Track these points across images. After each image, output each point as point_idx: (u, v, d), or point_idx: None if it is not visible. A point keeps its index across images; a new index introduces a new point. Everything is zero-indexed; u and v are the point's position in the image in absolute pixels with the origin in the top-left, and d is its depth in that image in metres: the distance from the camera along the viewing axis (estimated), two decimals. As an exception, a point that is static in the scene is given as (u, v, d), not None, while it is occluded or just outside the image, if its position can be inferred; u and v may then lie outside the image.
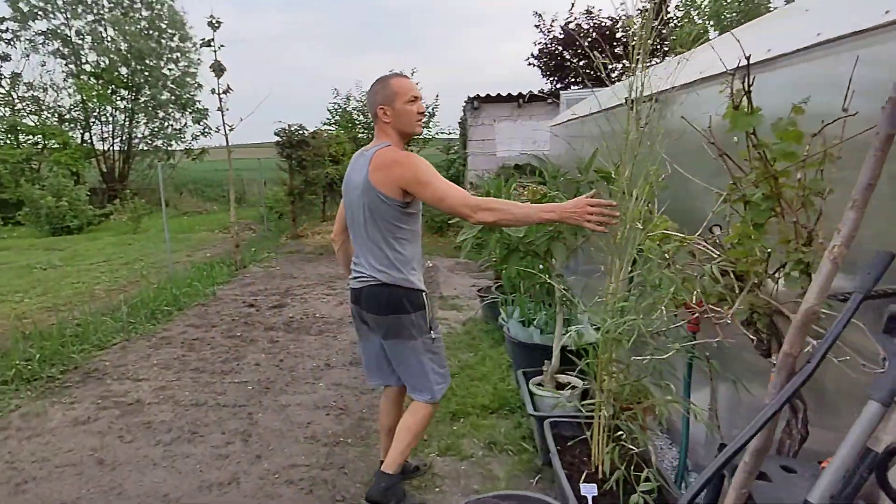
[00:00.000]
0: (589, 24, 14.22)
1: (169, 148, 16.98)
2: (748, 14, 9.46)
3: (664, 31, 14.03)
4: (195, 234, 11.29)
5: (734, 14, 9.73)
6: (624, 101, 3.30)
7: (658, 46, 14.28)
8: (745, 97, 1.51)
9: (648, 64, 2.49)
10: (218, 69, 7.25)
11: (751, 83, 1.48)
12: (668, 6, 13.73)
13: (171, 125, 16.72)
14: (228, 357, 4.43)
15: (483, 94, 10.07)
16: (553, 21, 14.53)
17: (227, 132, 7.62)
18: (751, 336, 1.62)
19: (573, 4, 16.25)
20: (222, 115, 7.52)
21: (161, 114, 16.43)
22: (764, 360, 1.61)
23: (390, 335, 2.23)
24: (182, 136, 16.92)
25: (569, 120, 5.87)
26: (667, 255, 1.77)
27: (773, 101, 1.61)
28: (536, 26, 14.80)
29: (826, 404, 1.64)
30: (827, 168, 1.43)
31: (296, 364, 4.26)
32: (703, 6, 11.28)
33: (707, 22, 10.49)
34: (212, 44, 7.25)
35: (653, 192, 2.17)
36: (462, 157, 11.10)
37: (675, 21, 13.71)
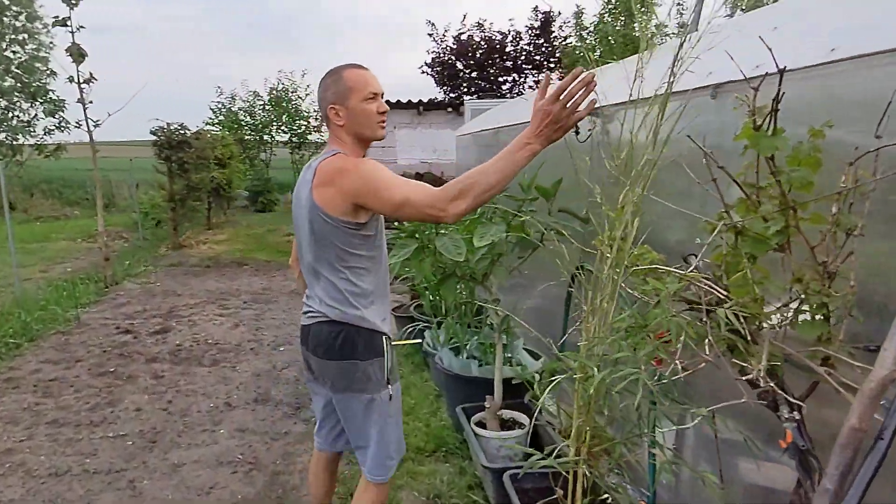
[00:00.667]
0: (480, 36, 14.47)
1: (14, 142, 14.60)
2: (633, 39, 10.09)
3: (553, 48, 14.64)
4: (52, 244, 9.70)
5: (620, 38, 10.36)
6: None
7: (545, 62, 14.90)
8: (771, 115, 1.33)
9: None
10: (77, 54, 6.20)
11: (779, 100, 1.31)
12: (552, 26, 14.36)
13: (17, 116, 14.38)
14: (99, 402, 3.67)
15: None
16: (446, 31, 14.63)
17: (91, 128, 6.56)
18: (761, 387, 1.45)
19: (465, 16, 16.54)
20: (84, 109, 6.45)
21: (3, 103, 14.07)
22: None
23: (338, 387, 1.79)
24: (31, 129, 14.62)
25: (482, 130, 5.72)
26: (661, 294, 1.56)
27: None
28: (430, 35, 14.82)
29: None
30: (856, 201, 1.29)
31: (188, 406, 3.61)
32: (590, 27, 11.88)
33: (595, 42, 11.05)
34: (68, 23, 6.17)
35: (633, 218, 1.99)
36: (362, 163, 10.66)
37: (562, 40, 14.32)
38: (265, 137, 16.36)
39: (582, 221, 3.01)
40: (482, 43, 14.12)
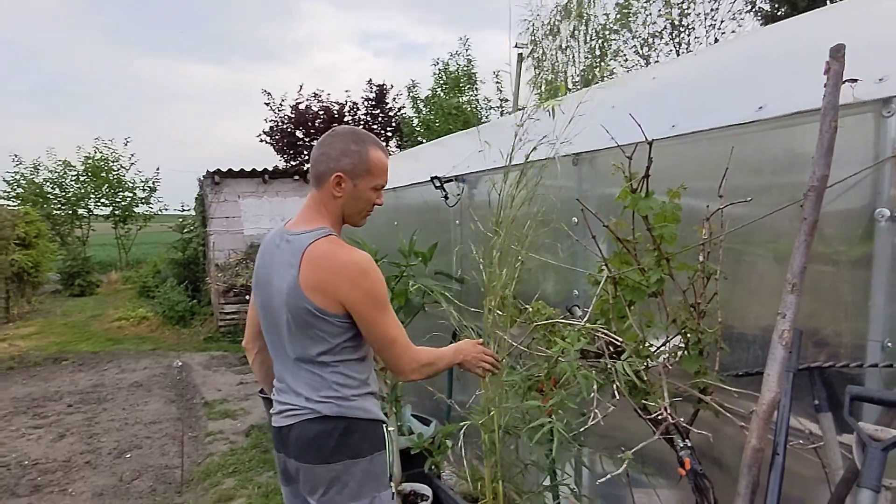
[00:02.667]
0: (318, 105, 14.70)
1: None
2: (464, 112, 11.09)
3: (389, 118, 15.34)
4: None
5: (454, 110, 11.34)
6: (432, 179, 3.30)
7: (382, 131, 15.54)
8: (644, 180, 1.54)
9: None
10: None
11: (649, 166, 1.52)
12: (386, 97, 15.12)
13: None
14: None
15: (224, 169, 9.26)
16: (283, 101, 14.62)
17: None
18: (661, 422, 1.60)
19: (301, 86, 16.73)
20: None
21: None
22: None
23: (329, 494, 1.48)
24: None
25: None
26: (568, 350, 1.67)
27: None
28: (266, 104, 14.68)
29: (729, 480, 1.71)
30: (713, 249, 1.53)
31: (5, 551, 2.89)
32: (425, 100, 12.78)
33: (431, 113, 11.90)
34: None
35: (512, 276, 2.11)
36: (201, 236, 9.92)
37: (398, 110, 15.08)
38: (80, 211, 14.46)
39: (457, 281, 3.12)
40: (320, 112, 14.30)
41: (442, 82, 11.61)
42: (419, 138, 12.20)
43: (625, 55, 10.37)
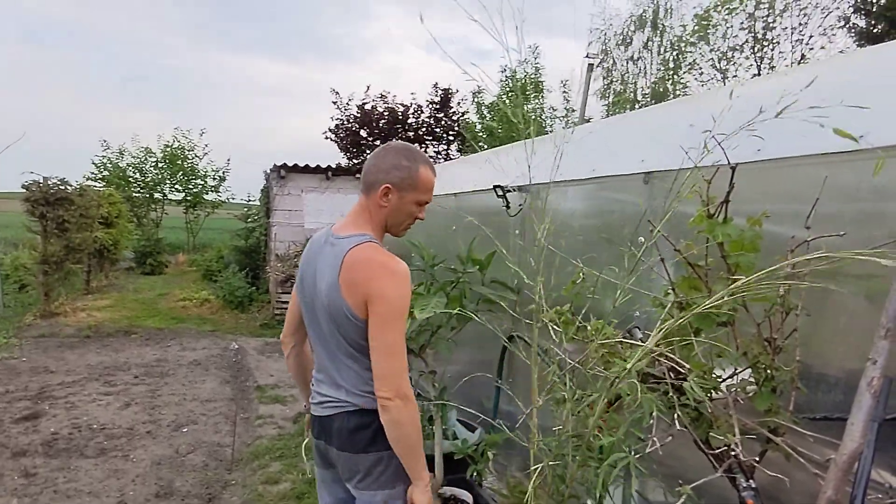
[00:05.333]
0: (384, 106, 14.97)
1: None
2: (530, 120, 11.00)
3: (452, 122, 15.42)
4: None
5: (519, 118, 11.26)
6: (494, 188, 3.30)
7: (445, 135, 15.63)
8: (722, 206, 1.48)
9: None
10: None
11: (729, 192, 1.46)
12: (451, 102, 15.21)
13: None
14: (-48, 511, 3.03)
15: (290, 164, 9.59)
16: (350, 100, 14.98)
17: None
18: (723, 458, 1.53)
19: (368, 87, 17.11)
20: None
21: None
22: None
23: (367, 481, 1.60)
24: None
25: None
26: (628, 371, 1.62)
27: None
28: (334, 102, 15.07)
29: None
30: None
31: (71, 509, 3.09)
32: (489, 106, 12.74)
33: (495, 121, 11.87)
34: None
35: (572, 291, 2.07)
36: (264, 226, 10.30)
37: (461, 115, 15.14)
38: (156, 196, 15.35)
39: (512, 292, 3.09)
40: (385, 113, 14.56)
41: (508, 89, 11.57)
42: (481, 144, 12.21)
43: (700, 68, 10.00)
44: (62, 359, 6.14)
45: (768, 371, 1.51)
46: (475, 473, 2.65)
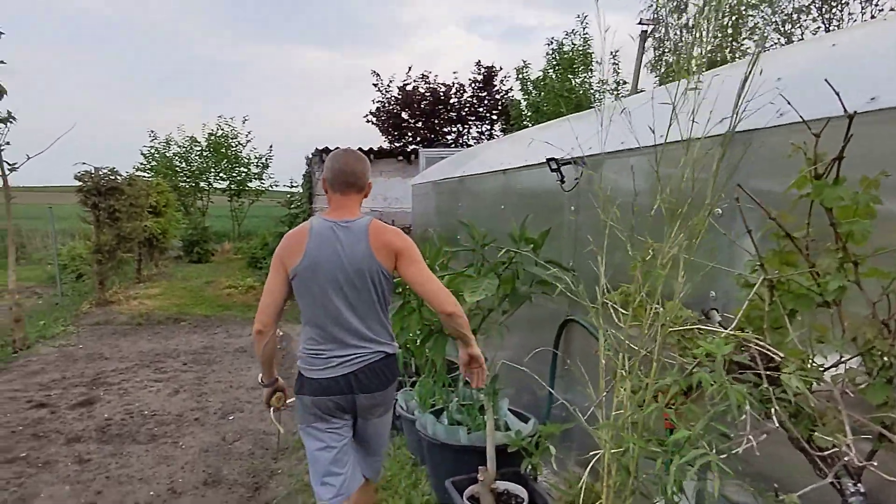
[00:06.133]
0: (425, 87, 14.73)
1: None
2: (577, 94, 10.58)
3: (495, 101, 15.07)
4: (-52, 304, 8.58)
5: (566, 93, 10.82)
6: (548, 161, 3.07)
7: (488, 114, 15.30)
8: (834, 164, 1.23)
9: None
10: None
11: (845, 146, 1.21)
12: (494, 80, 14.86)
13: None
14: (7, 500, 3.07)
15: (332, 147, 9.54)
16: (391, 82, 14.80)
17: (6, 172, 5.94)
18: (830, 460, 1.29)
19: (410, 68, 16.91)
20: None
21: None
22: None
23: (384, 409, 2.17)
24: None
25: (444, 178, 5.61)
26: (714, 358, 1.40)
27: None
28: (374, 85, 14.95)
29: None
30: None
31: (122, 497, 3.08)
32: (535, 82, 12.28)
33: (541, 96, 11.40)
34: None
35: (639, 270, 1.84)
36: (307, 212, 10.32)
37: (504, 93, 14.77)
38: (202, 184, 15.67)
39: (568, 272, 2.87)
40: (427, 94, 14.34)
41: (555, 63, 11.09)
42: (526, 122, 11.82)
43: (764, 32, 9.29)
44: (116, 346, 6.29)
45: (885, 359, 1.26)
46: (530, 467, 2.47)
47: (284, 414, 4.26)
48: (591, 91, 11.05)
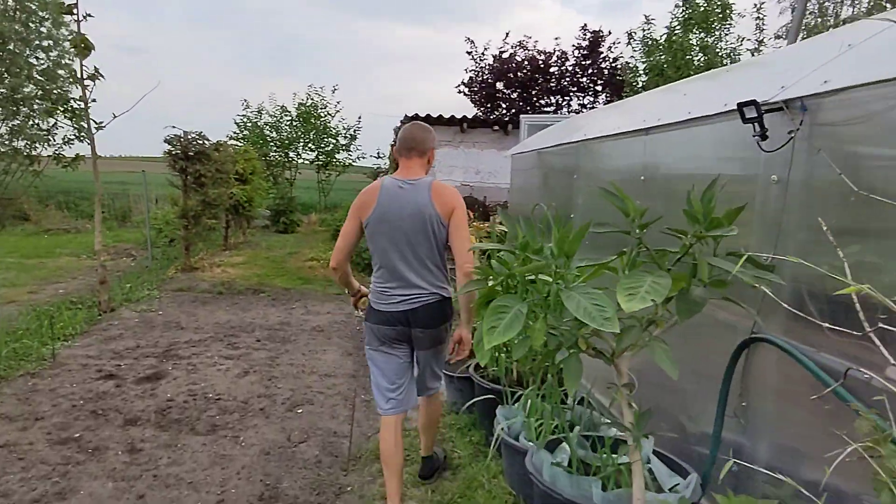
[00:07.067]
0: (523, 55, 13.67)
1: (33, 152, 14.07)
2: (710, 52, 9.15)
3: (600, 70, 13.75)
4: (53, 261, 8.90)
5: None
6: (740, 107, 2.16)
7: (591, 84, 14.00)
8: None
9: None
10: (82, 46, 5.41)
11: None
12: (601, 46, 13.52)
13: (37, 124, 13.84)
14: (47, 491, 2.67)
15: (422, 115, 8.85)
16: (486, 49, 13.87)
17: (93, 131, 5.76)
18: None
19: (508, 34, 15.84)
20: (86, 108, 5.67)
21: (24, 110, 13.57)
22: None
23: (436, 343, 2.48)
24: (50, 138, 14.09)
25: (555, 145, 4.73)
26: None
27: None
28: (468, 53, 14.09)
29: None
30: None
31: (166, 505, 2.59)
32: (659, 41, 10.83)
33: (667, 58, 9.96)
34: (74, 11, 5.41)
35: None
36: (393, 184, 9.77)
37: (612, 61, 13.47)
38: (291, 155, 15.66)
39: (765, 270, 1.97)
40: (525, 63, 13.29)
41: (685, 18, 9.56)
42: (641, 90, 10.46)
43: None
44: (194, 314, 6.04)
45: None
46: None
47: (360, 413, 3.68)
48: (729, 49, 9.44)
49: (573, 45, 13.45)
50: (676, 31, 9.43)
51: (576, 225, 2.00)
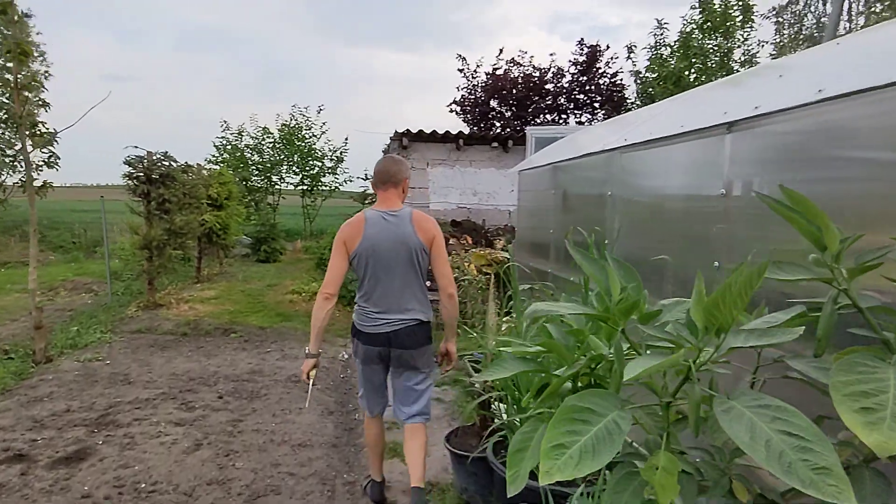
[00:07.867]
0: (518, 72, 13.06)
1: (-4, 179, 13.10)
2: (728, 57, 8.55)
3: (598, 86, 13.18)
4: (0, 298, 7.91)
5: (715, 56, 8.81)
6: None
7: (589, 101, 13.42)
8: None
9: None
10: (17, 51, 4.60)
11: None
12: (598, 62, 12.96)
13: (2, 149, 12.92)
14: None
15: (414, 130, 8.08)
16: (478, 66, 13.26)
17: (29, 148, 4.92)
18: None
19: (501, 50, 15.27)
20: (21, 120, 4.84)
21: (-15, 134, 12.65)
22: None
23: (414, 366, 2.62)
24: (16, 164, 13.14)
25: (570, 158, 3.93)
26: None
27: None
28: (460, 70, 13.47)
29: None
30: None
31: None
32: (673, 46, 10.23)
33: (682, 63, 9.33)
34: (8, 11, 4.60)
35: None
36: (383, 208, 8.94)
37: (611, 77, 12.90)
38: (274, 178, 14.82)
39: None
40: (519, 79, 12.66)
41: (702, 21, 8.89)
42: (649, 101, 9.76)
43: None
44: (147, 363, 5.09)
45: None
46: None
47: (341, 495, 2.77)
48: (749, 56, 8.80)
49: (569, 61, 12.88)
50: (694, 36, 8.77)
51: (615, 255, 1.18)
